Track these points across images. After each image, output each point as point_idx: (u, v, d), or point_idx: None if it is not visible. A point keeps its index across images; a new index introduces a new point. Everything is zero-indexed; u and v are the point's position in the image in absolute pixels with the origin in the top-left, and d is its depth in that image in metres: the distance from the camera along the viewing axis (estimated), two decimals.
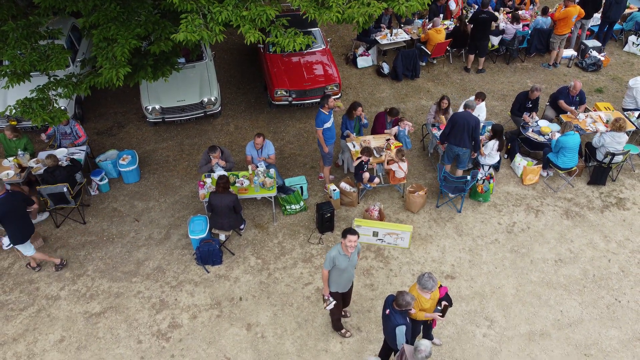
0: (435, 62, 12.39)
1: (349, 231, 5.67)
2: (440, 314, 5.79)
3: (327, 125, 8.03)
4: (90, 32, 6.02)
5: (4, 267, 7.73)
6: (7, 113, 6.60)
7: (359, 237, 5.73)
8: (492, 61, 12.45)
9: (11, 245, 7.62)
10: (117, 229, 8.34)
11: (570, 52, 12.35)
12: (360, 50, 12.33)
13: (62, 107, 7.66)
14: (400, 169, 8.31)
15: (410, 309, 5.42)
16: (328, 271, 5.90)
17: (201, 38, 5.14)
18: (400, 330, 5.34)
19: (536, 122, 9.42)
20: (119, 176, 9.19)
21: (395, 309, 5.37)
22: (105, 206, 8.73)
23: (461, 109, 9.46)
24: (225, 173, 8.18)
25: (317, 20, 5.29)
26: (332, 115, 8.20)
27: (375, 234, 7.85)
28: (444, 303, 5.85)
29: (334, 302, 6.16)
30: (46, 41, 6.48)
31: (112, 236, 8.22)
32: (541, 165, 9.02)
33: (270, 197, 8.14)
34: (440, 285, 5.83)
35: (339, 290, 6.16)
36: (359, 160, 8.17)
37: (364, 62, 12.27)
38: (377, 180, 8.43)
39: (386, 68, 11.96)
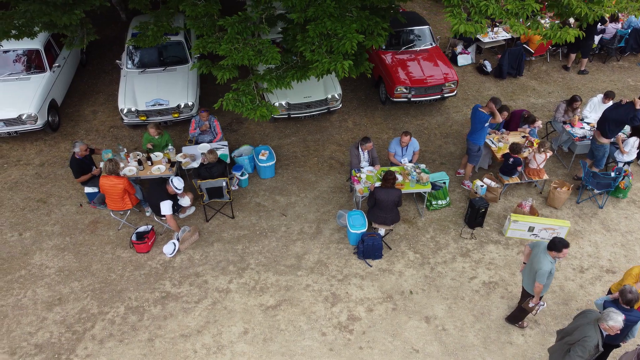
0: (534, 58, 12.49)
1: (567, 246, 5.84)
2: None
3: (487, 124, 8.13)
4: (304, 28, 6.08)
5: (166, 260, 7.80)
6: (219, 106, 6.70)
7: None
8: (588, 60, 12.56)
9: (174, 253, 7.82)
10: (267, 223, 8.41)
11: None
12: (459, 48, 12.43)
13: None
14: (534, 160, 8.43)
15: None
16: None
17: (473, 30, 5.24)
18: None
19: None
20: (254, 171, 9.28)
21: (625, 309, 5.47)
22: (248, 201, 8.81)
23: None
24: (372, 167, 8.30)
25: (588, 15, 5.37)
26: None
27: (530, 229, 7.96)
28: None
29: (544, 304, 6.35)
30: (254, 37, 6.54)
31: (264, 230, 8.30)
32: None
33: (425, 193, 8.24)
34: None
35: (544, 292, 6.34)
36: (509, 158, 8.28)
37: (464, 60, 12.37)
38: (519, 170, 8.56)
39: (488, 66, 12.06)
